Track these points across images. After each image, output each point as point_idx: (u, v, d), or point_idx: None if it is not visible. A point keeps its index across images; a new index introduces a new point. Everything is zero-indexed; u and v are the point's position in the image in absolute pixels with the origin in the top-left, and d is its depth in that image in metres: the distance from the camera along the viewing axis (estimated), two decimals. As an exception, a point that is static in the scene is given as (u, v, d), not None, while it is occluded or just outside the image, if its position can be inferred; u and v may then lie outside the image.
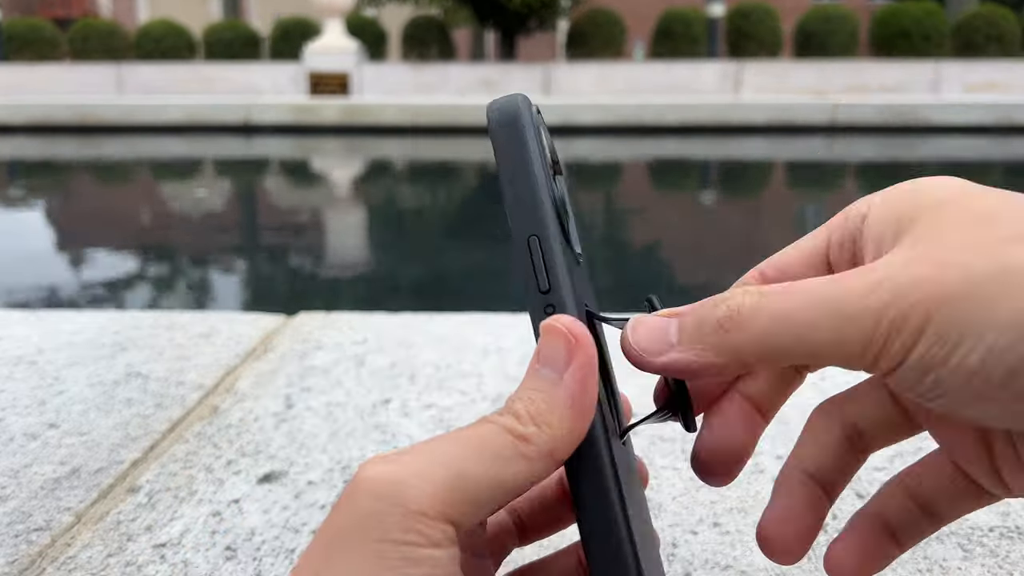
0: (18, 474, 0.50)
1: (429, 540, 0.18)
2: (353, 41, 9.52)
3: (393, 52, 11.95)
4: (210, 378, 0.66)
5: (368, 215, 4.23)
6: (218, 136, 7.47)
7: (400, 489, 0.18)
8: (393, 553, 0.18)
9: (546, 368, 0.20)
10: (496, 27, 10.95)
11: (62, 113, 7.76)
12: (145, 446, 0.54)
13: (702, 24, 10.27)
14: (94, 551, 0.42)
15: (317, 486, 0.49)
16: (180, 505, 0.47)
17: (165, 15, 12.16)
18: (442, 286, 2.62)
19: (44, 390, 0.63)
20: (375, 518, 0.18)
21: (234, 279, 2.98)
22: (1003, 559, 0.40)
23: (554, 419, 0.20)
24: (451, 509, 0.18)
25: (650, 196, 4.78)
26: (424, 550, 0.18)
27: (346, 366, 0.68)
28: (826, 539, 0.42)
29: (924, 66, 9.06)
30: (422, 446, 0.20)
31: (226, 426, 0.57)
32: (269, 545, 0.43)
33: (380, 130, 7.49)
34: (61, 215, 4.30)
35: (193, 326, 0.79)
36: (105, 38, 10.68)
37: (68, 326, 0.79)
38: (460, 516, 0.19)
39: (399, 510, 0.18)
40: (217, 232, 3.75)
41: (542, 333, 0.21)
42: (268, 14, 16.34)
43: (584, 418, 0.20)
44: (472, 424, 0.20)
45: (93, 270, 3.02)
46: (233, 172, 6.08)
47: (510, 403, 0.20)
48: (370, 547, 0.18)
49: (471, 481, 0.19)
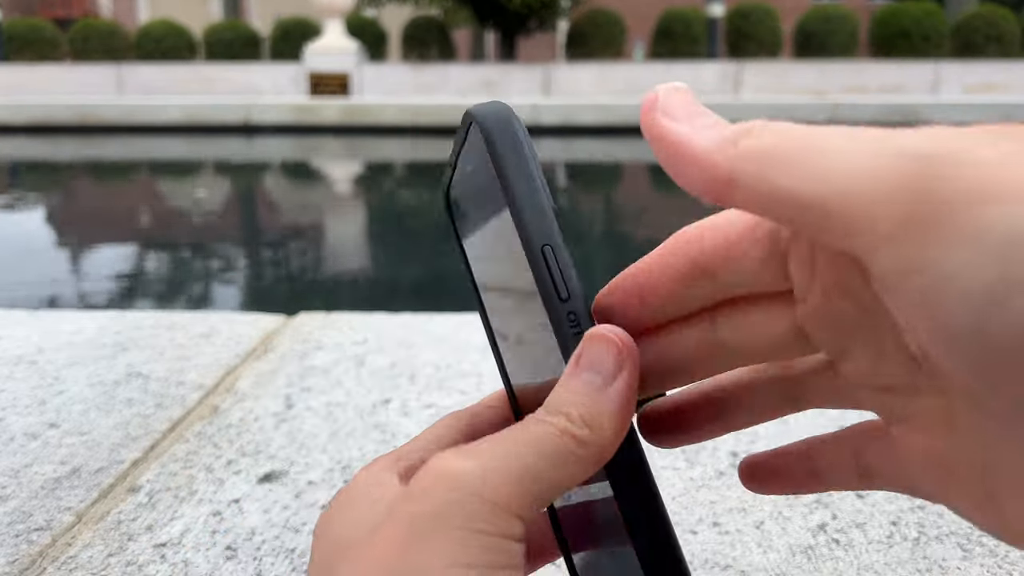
0: (19, 474, 0.50)
1: (507, 532, 0.19)
2: (353, 41, 9.53)
3: (393, 52, 11.95)
4: (210, 378, 0.66)
5: (368, 215, 4.23)
6: (218, 136, 7.47)
7: (479, 482, 0.19)
8: (475, 541, 0.18)
9: (590, 373, 0.21)
10: (496, 27, 10.95)
11: (62, 113, 7.77)
12: (145, 446, 0.54)
13: (702, 24, 10.27)
14: (95, 551, 0.42)
15: (317, 486, 0.49)
16: (180, 505, 0.47)
17: (165, 15, 12.17)
18: (442, 286, 2.62)
19: (44, 390, 0.63)
20: (457, 506, 0.19)
21: (234, 279, 2.98)
22: (1002, 559, 0.40)
23: (604, 423, 0.20)
24: (522, 505, 0.19)
25: (650, 197, 4.78)
26: (505, 541, 0.19)
27: (346, 366, 0.69)
28: (827, 539, 0.42)
29: (924, 66, 9.06)
30: (487, 445, 0.20)
31: (226, 426, 0.57)
32: (269, 545, 0.43)
33: (380, 130, 7.49)
34: (61, 215, 4.30)
35: (193, 326, 0.79)
36: (105, 38, 10.68)
37: (68, 326, 0.79)
38: (526, 513, 0.19)
39: (479, 500, 0.19)
40: (217, 232, 3.75)
41: (589, 340, 0.21)
42: (268, 14, 16.34)
43: (628, 422, 0.21)
44: (523, 425, 0.20)
45: (93, 270, 3.02)
46: (233, 172, 6.09)
47: (556, 405, 0.20)
48: (453, 534, 0.18)
49: (538, 480, 0.19)
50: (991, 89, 8.69)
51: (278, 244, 3.49)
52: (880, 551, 0.41)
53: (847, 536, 0.43)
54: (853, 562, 0.40)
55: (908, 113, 7.20)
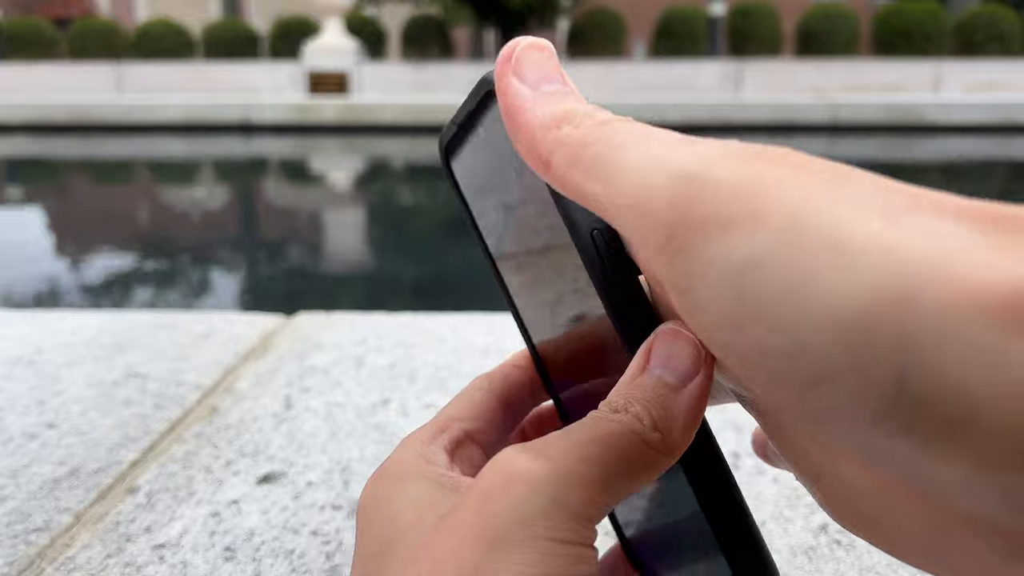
0: (17, 474, 0.50)
1: (587, 540, 0.18)
2: (352, 40, 9.52)
3: (393, 51, 11.94)
4: (209, 378, 0.66)
5: (367, 214, 4.23)
6: (217, 135, 7.47)
7: (559, 488, 0.18)
8: (560, 551, 0.17)
9: (663, 371, 0.19)
10: (496, 26, 10.95)
11: (61, 112, 7.76)
12: (144, 446, 0.54)
13: (703, 23, 10.27)
14: (93, 552, 0.42)
15: (317, 487, 0.48)
16: (179, 506, 0.46)
17: (164, 14, 12.16)
18: (442, 286, 2.62)
19: (43, 390, 0.63)
20: (542, 514, 0.17)
21: (233, 279, 2.98)
22: (1004, 560, 0.40)
23: (675, 426, 0.19)
24: (597, 512, 0.18)
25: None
26: (588, 551, 0.18)
27: (345, 366, 0.68)
28: (828, 540, 0.42)
29: (925, 65, 9.06)
30: (556, 443, 0.19)
31: (225, 426, 0.57)
32: (268, 546, 0.42)
33: (380, 129, 7.49)
34: (59, 215, 4.30)
35: (192, 326, 0.79)
36: (104, 37, 10.68)
37: (67, 326, 0.79)
38: (598, 519, 0.18)
39: (563, 509, 0.18)
40: (216, 232, 3.75)
41: (664, 337, 0.19)
42: (267, 13, 16.33)
43: (697, 425, 0.19)
44: (591, 424, 0.19)
45: (92, 270, 3.01)
46: (232, 171, 6.08)
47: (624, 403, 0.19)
48: (539, 544, 0.17)
49: (610, 484, 0.18)
50: (993, 88, 8.70)
51: (277, 244, 3.48)
52: (882, 552, 0.41)
53: (848, 537, 0.42)
54: (855, 563, 0.40)
55: (909, 112, 7.20)
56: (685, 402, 0.19)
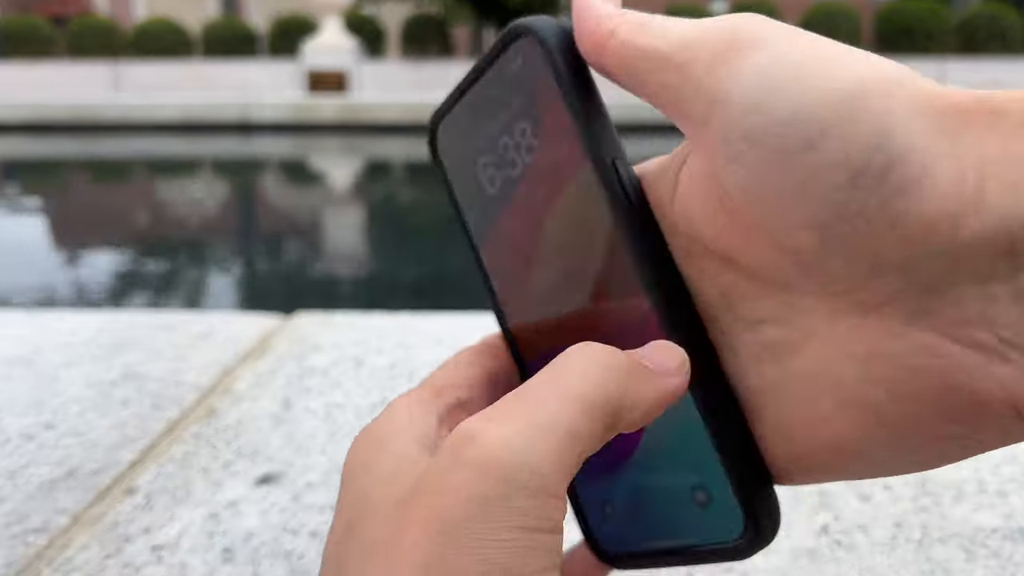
0: (15, 475, 0.50)
1: (557, 523, 0.17)
2: (352, 39, 9.51)
3: (392, 50, 11.94)
4: (208, 379, 0.66)
5: (366, 213, 4.23)
6: (216, 135, 7.46)
7: (528, 468, 0.17)
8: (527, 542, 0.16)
9: (644, 357, 0.20)
10: (496, 25, 10.94)
11: (59, 112, 7.76)
12: (143, 447, 0.54)
13: (702, 22, 10.25)
14: (91, 553, 0.42)
15: (315, 488, 0.48)
16: (177, 507, 0.46)
17: (162, 13, 12.15)
18: (441, 286, 2.62)
19: (41, 390, 0.63)
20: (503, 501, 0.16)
21: (232, 279, 2.97)
22: (1007, 560, 0.40)
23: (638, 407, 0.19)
24: (565, 481, 0.17)
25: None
26: (556, 536, 0.17)
27: (345, 367, 0.68)
28: (829, 541, 0.42)
29: (928, 65, 9.05)
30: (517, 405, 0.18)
31: (224, 427, 0.57)
32: (267, 547, 0.42)
33: (379, 128, 7.48)
34: (58, 214, 4.29)
35: (191, 326, 0.79)
36: (102, 36, 10.66)
37: (65, 326, 0.78)
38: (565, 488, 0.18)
39: (527, 493, 0.17)
40: (215, 231, 3.75)
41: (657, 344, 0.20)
42: (266, 12, 16.32)
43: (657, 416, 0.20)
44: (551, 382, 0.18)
45: (90, 270, 3.01)
46: (231, 171, 6.08)
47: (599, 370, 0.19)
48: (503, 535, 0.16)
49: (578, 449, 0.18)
50: (997, 87, 8.68)
51: (276, 243, 3.48)
52: (883, 553, 0.41)
53: (850, 538, 0.42)
54: (856, 564, 0.40)
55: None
56: (655, 389, 0.19)
